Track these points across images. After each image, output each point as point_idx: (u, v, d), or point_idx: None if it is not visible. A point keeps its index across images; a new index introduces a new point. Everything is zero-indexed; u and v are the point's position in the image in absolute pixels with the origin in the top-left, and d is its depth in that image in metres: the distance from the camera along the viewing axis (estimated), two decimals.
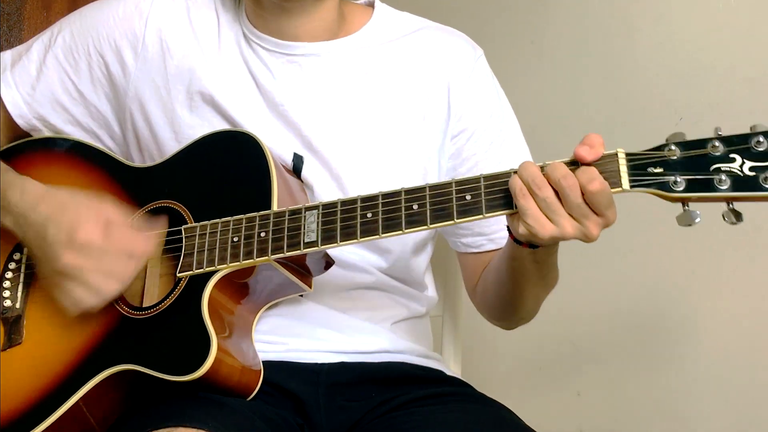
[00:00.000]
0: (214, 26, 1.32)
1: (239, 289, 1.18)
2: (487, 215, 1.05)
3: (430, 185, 1.08)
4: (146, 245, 1.16)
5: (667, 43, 1.92)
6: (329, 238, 1.11)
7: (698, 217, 0.97)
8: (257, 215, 1.15)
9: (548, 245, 1.08)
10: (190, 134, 1.26)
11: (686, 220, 0.98)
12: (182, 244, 1.17)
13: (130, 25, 1.31)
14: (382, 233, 1.08)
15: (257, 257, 1.13)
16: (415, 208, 1.08)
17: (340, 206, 1.12)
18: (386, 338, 1.28)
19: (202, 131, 1.25)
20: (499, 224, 1.29)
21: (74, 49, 1.32)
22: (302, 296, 1.24)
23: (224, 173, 1.21)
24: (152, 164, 1.28)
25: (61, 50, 1.32)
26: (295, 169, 1.25)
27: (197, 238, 1.17)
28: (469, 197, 1.06)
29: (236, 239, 1.14)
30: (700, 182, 0.97)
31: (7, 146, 1.35)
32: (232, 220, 1.16)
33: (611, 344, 1.95)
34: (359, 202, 1.11)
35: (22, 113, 1.33)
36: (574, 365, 2.02)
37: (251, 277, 1.17)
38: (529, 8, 2.16)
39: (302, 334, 1.24)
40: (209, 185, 1.22)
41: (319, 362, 1.23)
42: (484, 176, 1.06)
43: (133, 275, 1.15)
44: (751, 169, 0.95)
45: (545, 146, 1.40)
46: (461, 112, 1.31)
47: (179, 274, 1.16)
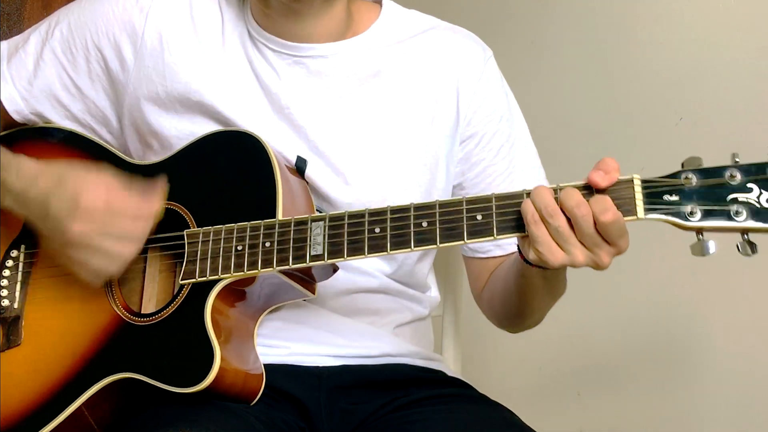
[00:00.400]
0: (217, 24, 1.29)
1: (241, 295, 1.16)
2: (498, 237, 1.03)
3: (440, 202, 1.06)
4: (151, 205, 1.15)
5: (667, 43, 1.92)
6: (336, 252, 1.09)
7: (713, 248, 0.96)
8: (262, 224, 1.12)
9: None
10: (189, 132, 1.24)
11: (700, 250, 0.97)
12: (184, 250, 1.15)
13: (129, 19, 1.28)
14: (390, 250, 1.06)
15: (262, 268, 1.11)
16: (424, 225, 1.06)
17: (347, 219, 1.09)
18: (389, 342, 1.27)
19: (201, 130, 1.23)
20: None
21: (72, 43, 1.29)
22: (305, 300, 1.22)
23: (227, 176, 1.19)
24: (152, 162, 1.26)
25: (58, 44, 1.29)
26: (297, 172, 1.23)
27: (200, 244, 1.15)
28: (480, 217, 1.04)
29: (240, 248, 1.12)
30: (716, 213, 0.95)
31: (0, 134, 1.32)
32: (236, 227, 1.14)
33: (612, 345, 1.96)
34: (367, 216, 1.08)
35: (18, 109, 1.31)
36: (574, 366, 2.01)
37: (254, 284, 1.15)
38: (529, 8, 2.16)
39: (304, 337, 1.23)
40: (211, 187, 1.19)
41: (320, 366, 1.22)
42: (495, 196, 1.04)
43: (145, 235, 1.14)
44: None
45: (545, 146, 1.40)
46: (470, 116, 1.29)
47: (182, 281, 1.14)
